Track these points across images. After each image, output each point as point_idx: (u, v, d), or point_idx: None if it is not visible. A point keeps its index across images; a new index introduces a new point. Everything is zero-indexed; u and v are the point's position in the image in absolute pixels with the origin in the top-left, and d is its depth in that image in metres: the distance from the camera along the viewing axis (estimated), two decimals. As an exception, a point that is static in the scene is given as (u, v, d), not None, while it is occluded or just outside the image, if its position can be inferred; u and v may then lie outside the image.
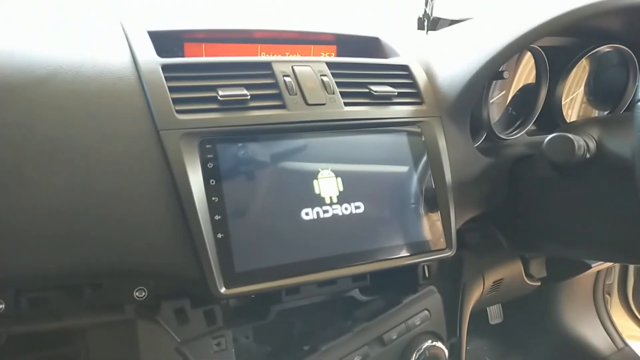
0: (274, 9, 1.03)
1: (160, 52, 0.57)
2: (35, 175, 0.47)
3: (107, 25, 0.62)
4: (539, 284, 0.85)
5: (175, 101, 0.53)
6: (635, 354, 1.21)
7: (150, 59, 0.56)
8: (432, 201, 0.62)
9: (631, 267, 1.29)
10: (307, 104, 0.58)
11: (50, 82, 0.50)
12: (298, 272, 0.54)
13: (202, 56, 0.69)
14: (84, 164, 0.49)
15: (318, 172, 0.57)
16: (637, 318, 1.29)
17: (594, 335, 1.24)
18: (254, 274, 0.52)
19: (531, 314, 1.26)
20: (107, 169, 0.49)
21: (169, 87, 0.53)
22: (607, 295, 1.29)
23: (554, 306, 1.24)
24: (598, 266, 0.92)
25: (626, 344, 1.23)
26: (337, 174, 0.58)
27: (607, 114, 0.84)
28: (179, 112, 0.53)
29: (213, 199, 0.51)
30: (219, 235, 0.51)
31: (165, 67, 0.55)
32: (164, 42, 0.62)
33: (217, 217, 0.51)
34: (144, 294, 0.55)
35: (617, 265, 1.25)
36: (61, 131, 0.49)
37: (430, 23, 0.90)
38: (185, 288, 0.57)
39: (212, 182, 0.52)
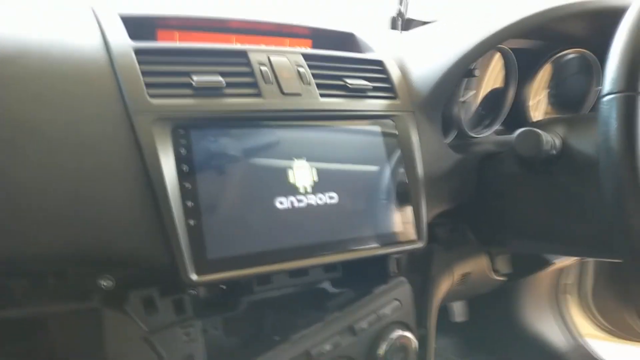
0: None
1: (132, 38, 0.56)
2: (1, 155, 0.45)
3: (78, 8, 0.60)
4: (504, 279, 0.88)
5: (148, 85, 0.52)
6: (591, 351, 1.25)
7: (122, 42, 0.54)
8: (404, 194, 0.63)
9: (589, 268, 1.34)
10: (283, 94, 0.58)
11: (17, 62, 0.48)
12: (271, 261, 0.53)
13: (175, 43, 0.68)
14: (52, 145, 0.47)
15: (292, 161, 0.57)
16: (595, 317, 1.34)
17: (553, 332, 1.28)
18: (226, 261, 0.51)
19: (494, 312, 1.29)
20: (77, 151, 0.48)
21: (141, 71, 0.52)
22: (566, 295, 1.34)
23: (517, 304, 1.27)
24: (559, 263, 0.96)
25: (583, 342, 1.28)
26: (312, 164, 0.58)
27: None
28: (151, 96, 0.52)
29: (186, 185, 0.51)
30: (191, 222, 0.50)
31: (138, 51, 0.54)
32: (136, 27, 0.60)
33: (189, 204, 0.50)
34: (110, 282, 0.53)
35: (576, 266, 1.30)
36: (28, 111, 0.47)
37: (403, 23, 0.92)
38: (154, 276, 0.55)
39: (185, 168, 0.51)
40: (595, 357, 1.24)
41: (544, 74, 0.84)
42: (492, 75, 0.79)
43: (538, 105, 0.87)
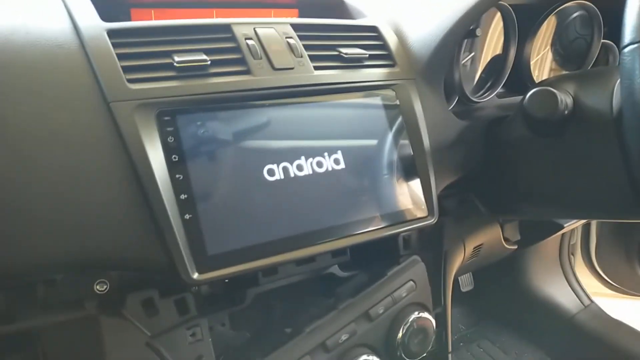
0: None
1: (104, 20, 0.51)
2: None
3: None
4: (515, 247, 0.85)
5: (126, 69, 0.47)
6: (601, 309, 1.25)
7: (92, 23, 0.49)
8: (411, 167, 0.59)
9: (593, 227, 1.32)
10: (274, 69, 0.53)
11: None
12: (276, 251, 0.50)
13: (152, 23, 0.62)
14: (26, 144, 0.42)
15: (289, 142, 0.53)
16: (601, 275, 1.33)
17: (561, 294, 1.27)
18: (229, 255, 0.47)
19: (500, 280, 1.27)
20: (53, 148, 0.43)
21: (117, 54, 0.47)
22: (571, 256, 1.32)
23: (522, 270, 1.26)
24: (568, 226, 0.93)
25: (592, 301, 1.27)
26: (311, 143, 0.54)
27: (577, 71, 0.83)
28: (130, 81, 0.47)
29: (177, 176, 0.46)
30: (187, 216, 0.46)
31: (112, 33, 0.49)
32: (107, 8, 0.55)
33: (182, 196, 0.46)
34: (105, 286, 0.49)
35: (580, 226, 1.28)
36: None
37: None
38: (151, 277, 0.51)
39: (175, 157, 0.47)
40: (605, 315, 1.23)
41: (545, 30, 0.80)
42: (494, 36, 0.74)
43: (540, 63, 0.83)
